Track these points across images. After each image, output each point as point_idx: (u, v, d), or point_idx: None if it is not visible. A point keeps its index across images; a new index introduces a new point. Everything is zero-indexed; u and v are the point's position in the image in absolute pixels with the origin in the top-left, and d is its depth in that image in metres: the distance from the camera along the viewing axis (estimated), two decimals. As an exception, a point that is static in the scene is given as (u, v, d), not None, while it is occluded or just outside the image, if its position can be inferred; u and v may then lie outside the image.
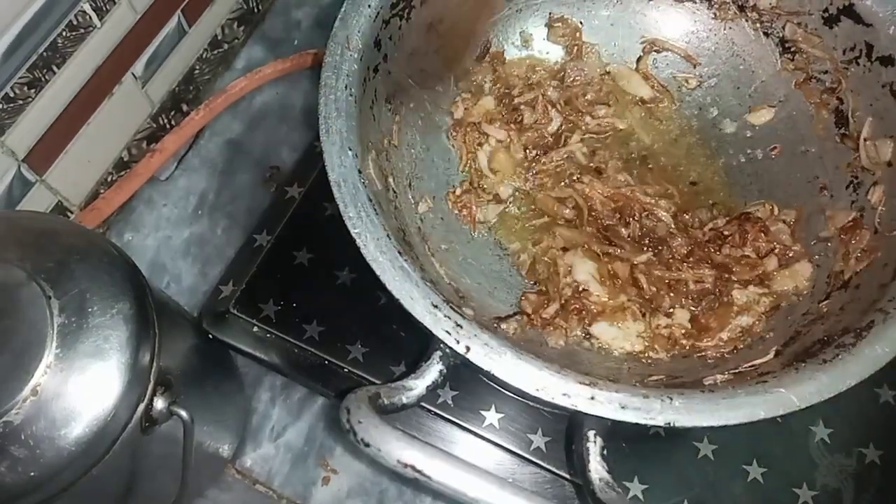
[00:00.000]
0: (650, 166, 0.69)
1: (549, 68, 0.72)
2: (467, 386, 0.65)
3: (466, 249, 0.65)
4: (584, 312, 0.60)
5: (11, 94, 0.58)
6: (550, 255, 0.64)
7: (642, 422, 0.45)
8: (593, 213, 0.65)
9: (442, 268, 0.60)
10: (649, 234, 0.63)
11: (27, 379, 0.41)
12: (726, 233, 0.63)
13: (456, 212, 0.66)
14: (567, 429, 0.64)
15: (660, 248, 0.63)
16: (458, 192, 0.66)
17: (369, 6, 0.57)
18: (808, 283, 0.59)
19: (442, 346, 0.47)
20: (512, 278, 0.64)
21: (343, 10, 0.57)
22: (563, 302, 0.60)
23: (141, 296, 0.46)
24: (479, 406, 0.65)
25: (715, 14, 0.69)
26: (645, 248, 0.63)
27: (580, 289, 0.61)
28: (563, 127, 0.69)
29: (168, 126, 0.81)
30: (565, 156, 0.67)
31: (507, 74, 0.70)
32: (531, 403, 0.64)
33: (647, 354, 0.59)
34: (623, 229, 0.64)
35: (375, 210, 0.50)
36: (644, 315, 0.60)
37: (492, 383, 0.63)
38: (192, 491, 0.54)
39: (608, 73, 0.72)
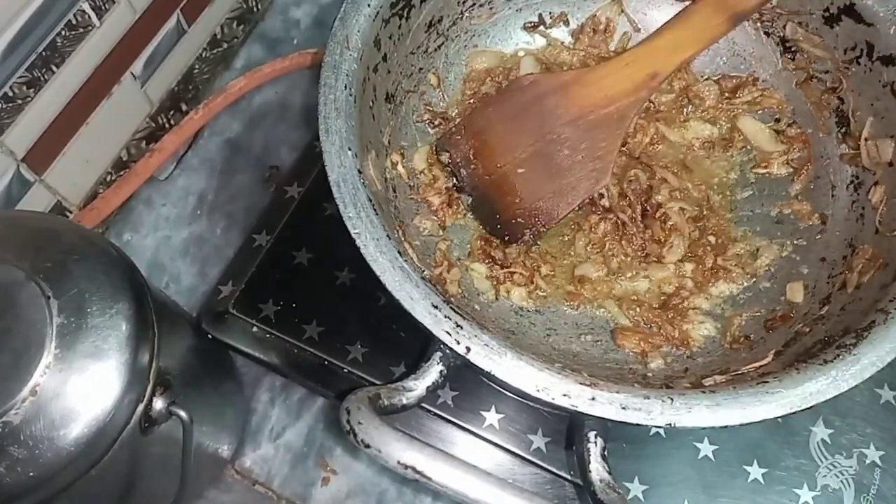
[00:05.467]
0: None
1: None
2: (467, 386, 0.65)
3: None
4: None
5: (10, 94, 0.58)
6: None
7: (643, 422, 0.45)
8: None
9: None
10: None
11: (26, 379, 0.41)
12: None
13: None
14: (567, 429, 0.64)
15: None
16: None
17: (369, 5, 0.57)
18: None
19: (442, 346, 0.47)
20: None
21: (342, 9, 0.57)
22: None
23: (140, 296, 0.46)
24: (479, 407, 0.65)
25: (715, 14, 0.69)
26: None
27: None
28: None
29: (167, 125, 0.81)
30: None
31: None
32: (531, 404, 0.64)
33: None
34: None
35: (375, 210, 0.49)
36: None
37: (492, 384, 0.63)
38: (191, 491, 0.54)
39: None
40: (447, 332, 0.46)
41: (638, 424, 0.45)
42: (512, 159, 0.63)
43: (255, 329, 0.67)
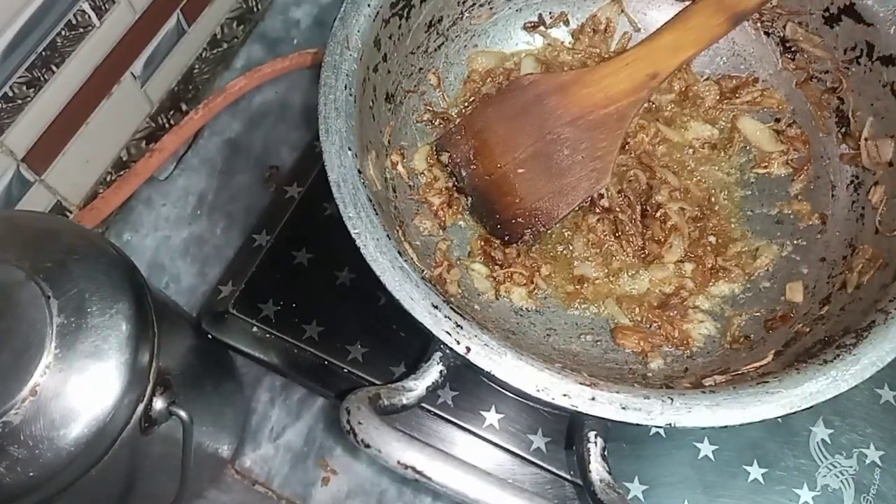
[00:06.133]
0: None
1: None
2: (467, 386, 0.65)
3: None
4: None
5: (10, 94, 0.58)
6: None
7: (643, 422, 0.45)
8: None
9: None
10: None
11: (26, 379, 0.41)
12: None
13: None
14: (567, 429, 0.64)
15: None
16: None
17: (369, 5, 0.57)
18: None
19: (442, 346, 0.47)
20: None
21: (343, 9, 0.57)
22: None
23: (140, 296, 0.46)
24: (479, 407, 0.65)
25: (715, 14, 0.69)
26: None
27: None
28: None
29: (167, 125, 0.81)
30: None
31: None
32: (531, 404, 0.64)
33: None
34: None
35: (375, 210, 0.50)
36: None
37: (492, 384, 0.63)
38: (191, 491, 0.54)
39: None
40: (447, 332, 0.46)
41: (638, 424, 0.45)
42: (512, 159, 0.63)
43: (255, 329, 0.67)
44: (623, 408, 0.45)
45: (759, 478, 0.63)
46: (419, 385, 0.51)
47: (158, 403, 0.46)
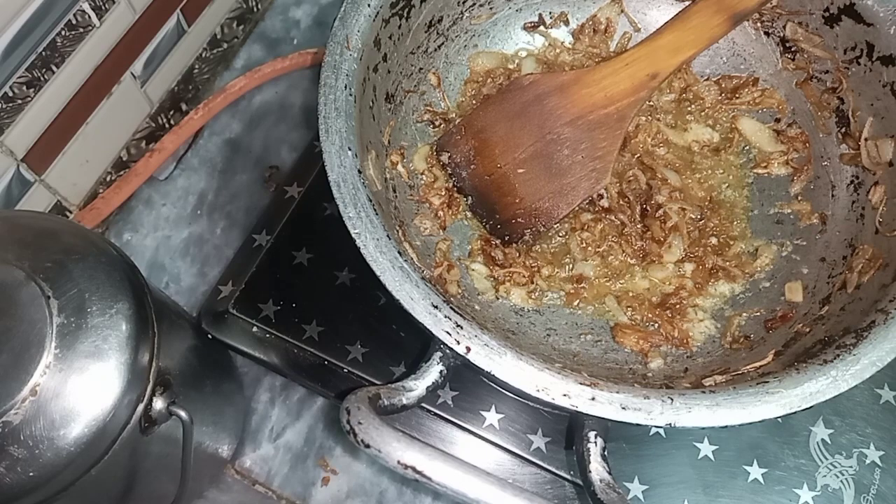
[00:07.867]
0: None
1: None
2: (467, 386, 0.65)
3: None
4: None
5: (10, 94, 0.58)
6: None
7: (643, 422, 0.45)
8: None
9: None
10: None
11: (26, 379, 0.41)
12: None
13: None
14: (567, 429, 0.64)
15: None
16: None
17: (369, 5, 0.57)
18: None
19: (442, 346, 0.47)
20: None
21: (342, 9, 0.57)
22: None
23: (140, 296, 0.46)
24: (479, 406, 0.65)
25: (715, 14, 0.69)
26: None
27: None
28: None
29: (167, 125, 0.81)
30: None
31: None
32: (531, 404, 0.64)
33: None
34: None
35: (375, 210, 0.50)
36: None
37: (492, 384, 0.63)
38: (191, 491, 0.54)
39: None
40: (447, 332, 0.46)
41: (638, 424, 0.45)
42: (512, 159, 0.63)
43: (255, 329, 0.67)
44: (623, 408, 0.45)
45: (759, 478, 0.63)
46: (419, 385, 0.51)
47: (158, 403, 0.46)
